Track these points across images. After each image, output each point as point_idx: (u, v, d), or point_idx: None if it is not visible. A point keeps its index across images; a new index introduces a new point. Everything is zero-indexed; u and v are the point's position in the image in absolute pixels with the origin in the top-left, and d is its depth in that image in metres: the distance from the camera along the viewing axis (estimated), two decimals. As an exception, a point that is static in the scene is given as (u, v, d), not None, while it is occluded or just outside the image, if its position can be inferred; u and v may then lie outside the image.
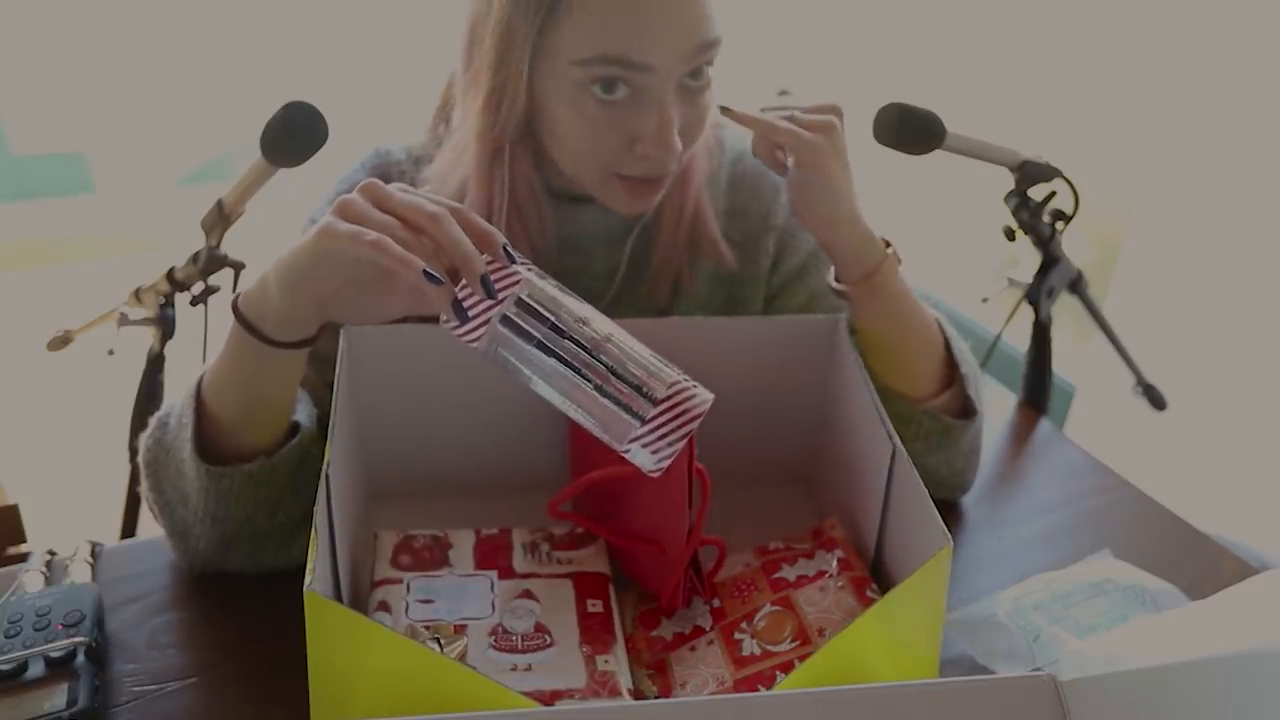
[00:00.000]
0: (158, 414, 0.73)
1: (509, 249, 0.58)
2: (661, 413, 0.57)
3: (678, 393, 0.58)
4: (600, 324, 0.59)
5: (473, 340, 0.57)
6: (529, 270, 0.58)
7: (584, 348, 0.57)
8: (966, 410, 0.82)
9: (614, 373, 0.57)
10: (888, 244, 0.77)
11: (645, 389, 0.57)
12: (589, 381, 0.57)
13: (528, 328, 0.57)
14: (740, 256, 0.89)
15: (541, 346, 0.57)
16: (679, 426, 0.57)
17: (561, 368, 0.57)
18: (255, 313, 0.62)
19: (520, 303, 0.57)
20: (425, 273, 0.55)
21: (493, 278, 0.56)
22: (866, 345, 0.80)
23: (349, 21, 2.90)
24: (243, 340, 0.63)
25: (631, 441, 0.58)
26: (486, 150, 0.76)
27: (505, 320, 0.56)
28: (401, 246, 0.55)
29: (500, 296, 0.56)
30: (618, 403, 0.57)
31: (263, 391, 0.67)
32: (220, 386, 0.67)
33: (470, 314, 0.56)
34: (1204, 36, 1.58)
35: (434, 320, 0.84)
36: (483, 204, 0.79)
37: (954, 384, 0.81)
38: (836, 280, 0.79)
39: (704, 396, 0.59)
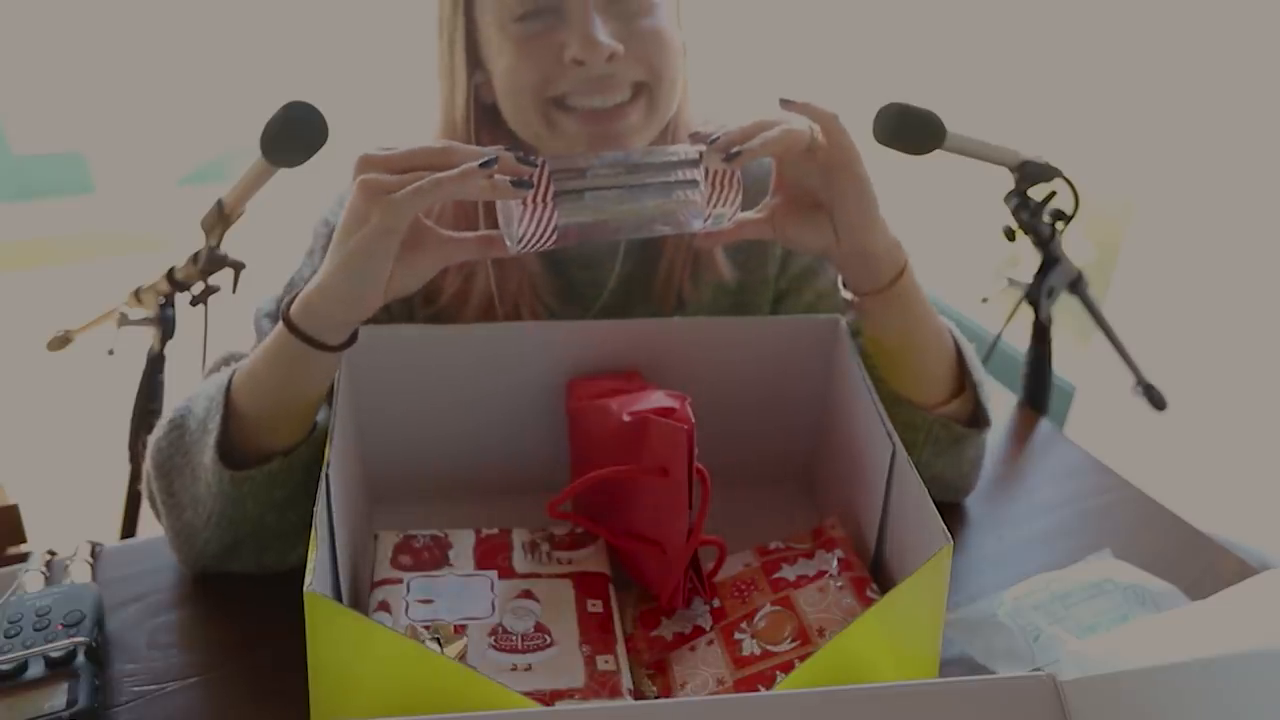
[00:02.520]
0: (168, 417, 0.72)
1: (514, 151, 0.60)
2: (711, 188, 0.65)
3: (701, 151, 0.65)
4: (609, 153, 0.65)
5: (549, 230, 0.62)
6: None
7: (621, 170, 0.63)
8: (977, 419, 0.80)
9: (656, 167, 0.64)
10: None
11: (685, 163, 0.65)
12: (646, 188, 0.63)
13: (576, 182, 0.62)
14: (746, 263, 0.89)
15: (583, 193, 0.62)
16: (729, 190, 0.66)
17: (614, 193, 0.63)
18: (314, 324, 0.62)
19: (555, 171, 0.62)
20: (482, 164, 0.57)
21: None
22: (877, 351, 0.79)
23: (349, 21, 2.90)
24: (290, 346, 0.63)
25: (710, 207, 0.65)
26: (450, 115, 0.80)
27: (558, 181, 0.61)
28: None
29: (541, 176, 0.61)
30: (678, 186, 0.64)
31: (303, 389, 0.67)
32: (258, 388, 0.67)
33: (530, 205, 0.61)
34: (1203, 38, 1.58)
35: (437, 318, 0.84)
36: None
37: (963, 392, 0.79)
38: (854, 291, 0.74)
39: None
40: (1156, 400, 1.02)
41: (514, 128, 0.77)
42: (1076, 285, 1.01)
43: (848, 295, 0.76)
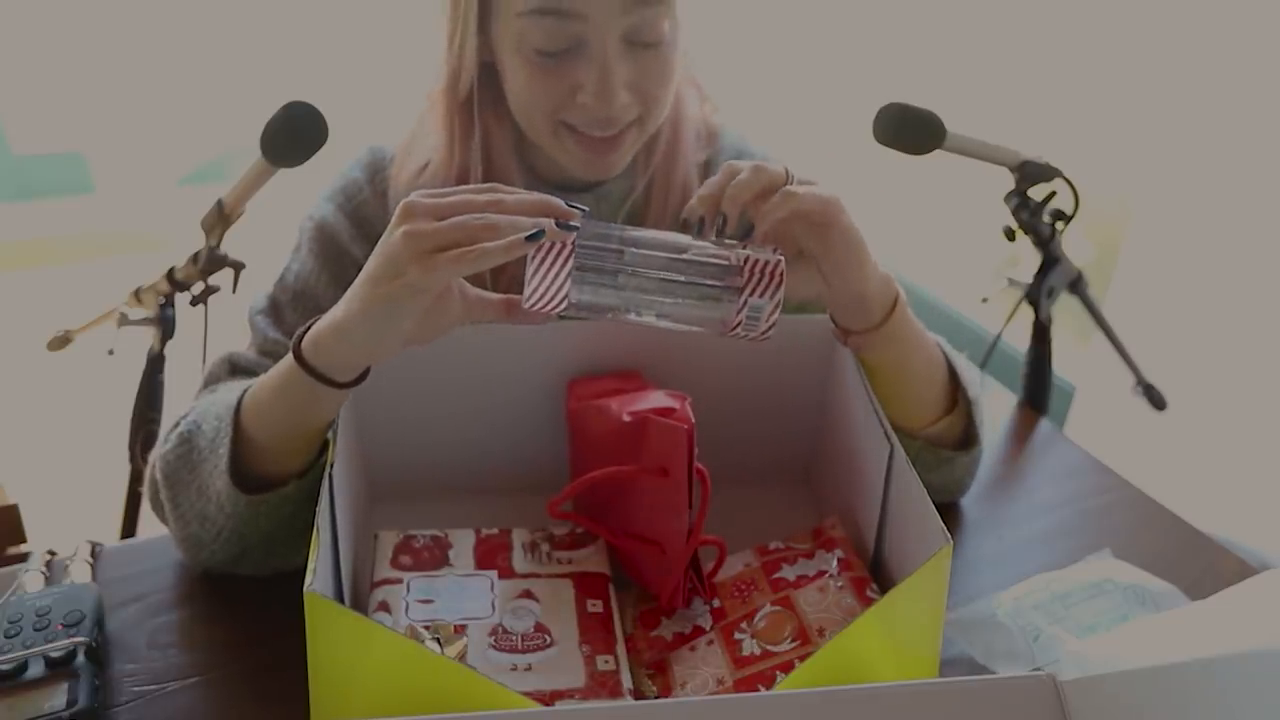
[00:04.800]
0: (177, 430, 0.71)
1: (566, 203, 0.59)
2: (747, 276, 0.60)
3: (748, 259, 0.61)
4: (652, 235, 0.61)
5: (560, 297, 0.59)
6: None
7: (656, 260, 0.60)
8: (968, 437, 0.80)
9: (691, 269, 0.60)
10: None
11: (723, 270, 0.60)
12: (677, 284, 0.60)
13: (601, 263, 0.59)
14: None
15: (618, 274, 0.59)
16: (769, 282, 0.60)
17: (648, 284, 0.60)
18: (325, 362, 0.61)
19: (583, 247, 0.58)
20: (529, 237, 0.55)
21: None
22: (868, 377, 0.77)
23: (349, 22, 2.90)
24: (299, 379, 0.61)
25: (738, 315, 0.61)
26: (452, 107, 0.79)
27: (580, 265, 0.58)
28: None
29: (568, 242, 0.58)
30: (712, 289, 0.60)
31: (314, 420, 0.66)
32: (265, 416, 0.66)
33: (553, 270, 0.58)
34: (1203, 37, 1.58)
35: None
36: (453, 166, 0.81)
37: (954, 409, 0.78)
38: (846, 330, 0.72)
39: (772, 257, 0.61)
40: (1156, 400, 1.02)
41: (519, 123, 0.80)
42: (1076, 285, 1.01)
43: (839, 335, 0.73)
